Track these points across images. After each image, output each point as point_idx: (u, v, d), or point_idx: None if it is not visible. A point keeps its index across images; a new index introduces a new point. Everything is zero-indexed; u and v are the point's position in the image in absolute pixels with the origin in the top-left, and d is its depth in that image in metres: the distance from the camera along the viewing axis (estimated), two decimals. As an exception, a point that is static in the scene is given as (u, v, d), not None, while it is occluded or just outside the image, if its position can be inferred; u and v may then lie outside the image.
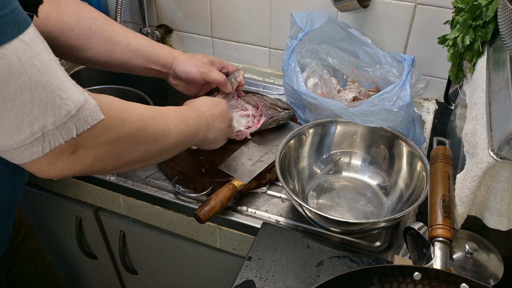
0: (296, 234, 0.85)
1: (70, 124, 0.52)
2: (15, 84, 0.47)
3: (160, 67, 0.97)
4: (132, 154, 0.63)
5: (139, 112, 0.64)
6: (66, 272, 1.45)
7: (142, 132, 0.64)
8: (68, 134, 0.52)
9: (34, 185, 1.18)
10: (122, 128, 0.60)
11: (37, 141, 0.51)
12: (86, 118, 0.53)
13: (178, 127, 0.72)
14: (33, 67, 0.48)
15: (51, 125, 0.51)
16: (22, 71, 0.47)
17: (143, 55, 0.94)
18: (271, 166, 0.96)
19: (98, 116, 0.55)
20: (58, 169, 0.55)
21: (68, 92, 0.51)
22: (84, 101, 0.53)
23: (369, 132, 0.97)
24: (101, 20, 0.89)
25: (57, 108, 0.50)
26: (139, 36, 0.95)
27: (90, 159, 0.57)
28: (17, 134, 0.49)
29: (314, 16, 1.07)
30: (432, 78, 1.18)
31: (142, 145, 0.64)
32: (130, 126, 0.61)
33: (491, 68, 0.75)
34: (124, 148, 0.61)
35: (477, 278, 0.69)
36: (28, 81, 0.48)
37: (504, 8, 0.63)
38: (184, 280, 1.20)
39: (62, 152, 0.53)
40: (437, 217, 0.69)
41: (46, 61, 0.50)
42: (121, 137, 0.60)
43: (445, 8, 1.07)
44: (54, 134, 0.51)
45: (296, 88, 1.00)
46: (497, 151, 0.60)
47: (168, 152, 0.73)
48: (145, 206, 1.02)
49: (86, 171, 0.58)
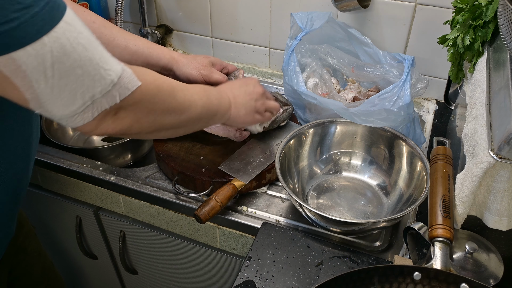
0: (296, 234, 0.85)
1: (114, 91, 0.58)
2: (68, 62, 0.53)
3: (159, 69, 0.97)
4: (164, 119, 0.69)
5: (170, 82, 0.71)
6: (66, 272, 1.45)
7: (173, 100, 0.70)
8: (113, 100, 0.59)
9: (34, 185, 1.18)
10: (156, 93, 0.66)
11: (88, 109, 0.57)
12: (126, 85, 0.60)
13: (203, 100, 0.77)
14: (79, 44, 0.53)
15: (98, 94, 0.57)
16: (72, 50, 0.53)
17: (142, 57, 0.94)
18: (271, 166, 0.96)
19: (136, 82, 0.61)
20: (103, 128, 0.61)
21: (109, 63, 0.58)
22: (122, 70, 0.59)
23: (369, 132, 0.97)
24: (99, 23, 0.90)
25: (102, 79, 0.57)
26: (137, 38, 0.95)
27: (129, 120, 0.63)
28: (72, 105, 0.56)
29: (314, 16, 1.07)
30: (432, 78, 1.18)
31: (172, 112, 0.70)
32: (163, 93, 0.68)
33: (491, 68, 0.75)
34: (158, 112, 0.67)
35: (477, 278, 0.69)
36: (78, 58, 0.53)
37: (504, 8, 0.63)
38: (184, 280, 1.20)
39: (107, 114, 0.60)
40: (437, 217, 0.69)
41: (87, 38, 0.55)
42: (156, 102, 0.66)
43: (445, 8, 1.07)
44: (101, 101, 0.58)
45: (296, 88, 1.00)
46: (497, 151, 0.60)
47: (194, 123, 0.78)
48: (145, 206, 1.02)
49: (125, 131, 0.64)
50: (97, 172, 1.04)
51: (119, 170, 1.04)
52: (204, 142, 1.01)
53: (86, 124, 0.59)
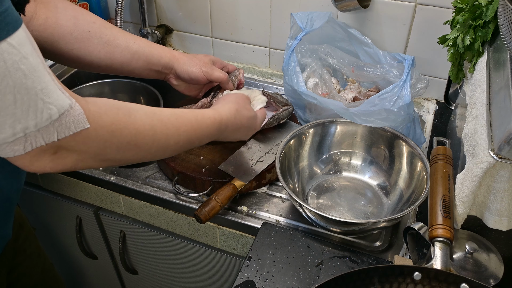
0: (296, 234, 0.85)
1: (52, 128, 0.53)
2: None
3: (160, 68, 0.98)
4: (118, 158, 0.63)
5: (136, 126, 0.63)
6: (66, 272, 1.45)
7: (133, 146, 0.63)
8: (49, 137, 0.53)
9: (34, 185, 1.18)
10: (109, 139, 0.60)
11: (18, 141, 0.52)
12: (68, 124, 0.54)
13: (180, 144, 0.71)
14: (18, 70, 0.48)
15: (33, 127, 0.51)
16: (6, 74, 0.47)
17: (143, 56, 0.94)
18: (271, 166, 0.96)
19: (83, 124, 0.55)
20: (40, 166, 0.56)
21: (53, 97, 0.52)
22: (68, 107, 0.53)
23: (369, 132, 0.97)
24: (99, 23, 0.90)
25: (39, 112, 0.51)
26: (138, 38, 0.95)
27: (72, 159, 0.58)
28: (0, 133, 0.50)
29: (314, 16, 1.07)
30: (432, 78, 1.18)
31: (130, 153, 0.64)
32: (120, 139, 0.61)
33: (491, 68, 0.75)
34: (109, 153, 0.61)
35: (477, 278, 0.69)
36: (12, 84, 0.48)
37: (504, 8, 0.63)
38: (184, 280, 1.20)
39: (44, 151, 0.54)
40: (437, 217, 0.69)
41: (32, 65, 0.50)
42: (106, 147, 0.60)
43: (445, 8, 1.07)
44: (36, 135, 0.52)
45: (296, 88, 1.00)
46: (497, 151, 0.60)
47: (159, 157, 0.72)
48: (145, 206, 1.02)
49: (68, 170, 0.59)
50: (97, 172, 1.04)
51: (119, 170, 1.04)
52: (204, 142, 1.01)
53: (18, 157, 0.53)
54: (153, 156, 0.68)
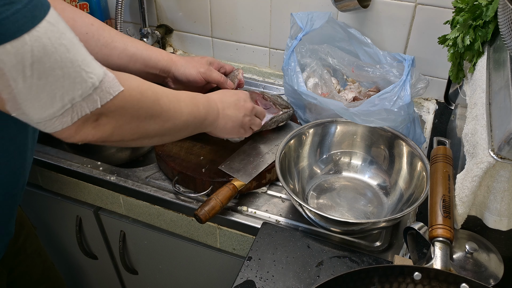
0: (296, 234, 0.85)
1: (95, 95, 0.57)
2: (49, 63, 0.51)
3: (158, 71, 0.98)
4: (148, 126, 0.68)
5: (155, 88, 0.69)
6: (66, 272, 1.45)
7: (157, 106, 0.68)
8: (93, 104, 0.57)
9: (34, 185, 1.18)
10: (139, 99, 0.64)
11: (67, 112, 0.56)
12: (108, 89, 0.58)
13: (189, 107, 0.75)
14: (61, 45, 0.52)
15: (79, 97, 0.55)
16: (53, 51, 0.51)
17: (140, 59, 0.94)
18: (271, 166, 0.96)
19: (118, 87, 0.60)
20: (83, 135, 0.59)
21: (91, 66, 0.56)
22: (104, 74, 0.58)
23: (369, 132, 0.97)
24: (97, 25, 0.90)
25: (83, 82, 0.55)
26: (135, 41, 0.95)
27: (111, 126, 0.62)
28: (50, 107, 0.54)
29: (314, 16, 1.07)
30: (432, 78, 1.18)
31: (157, 119, 0.69)
32: (147, 99, 0.66)
33: (491, 68, 0.75)
34: (141, 119, 0.66)
35: (477, 278, 0.69)
36: (59, 59, 0.52)
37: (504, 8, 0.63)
38: (184, 280, 1.20)
39: (87, 119, 0.58)
40: (437, 217, 0.69)
41: (70, 39, 0.54)
42: (139, 108, 0.64)
43: (445, 8, 1.07)
44: (81, 105, 0.56)
45: (296, 88, 1.00)
46: (497, 151, 0.60)
47: (180, 131, 0.76)
48: (145, 206, 1.02)
49: (106, 138, 0.63)
50: (97, 172, 1.04)
51: (119, 170, 1.04)
52: (204, 142, 1.01)
53: (64, 129, 0.57)
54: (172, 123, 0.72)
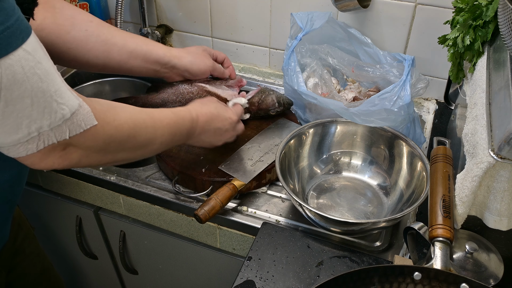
0: (296, 234, 0.85)
1: (64, 126, 0.56)
2: (18, 91, 0.50)
3: (159, 66, 0.98)
4: (117, 155, 0.68)
5: (133, 120, 0.68)
6: (66, 272, 1.45)
7: (132, 139, 0.68)
8: (62, 135, 0.57)
9: (34, 185, 1.18)
10: (113, 134, 0.64)
11: (32, 140, 0.55)
12: (79, 122, 0.57)
13: (164, 137, 0.75)
14: (34, 75, 0.51)
15: (46, 127, 0.55)
16: (25, 79, 0.50)
17: (140, 54, 0.94)
18: (271, 166, 0.96)
19: (91, 121, 0.59)
20: (49, 163, 0.59)
21: (65, 98, 0.55)
22: (78, 106, 0.57)
23: (369, 132, 0.97)
24: (96, 22, 0.90)
25: (53, 112, 0.54)
26: (135, 36, 0.95)
27: (78, 155, 0.61)
28: (15, 134, 0.53)
29: (314, 16, 1.07)
30: (432, 78, 1.18)
31: (128, 150, 0.69)
32: (122, 133, 0.66)
33: (491, 68, 0.75)
34: (111, 150, 0.66)
35: (477, 278, 0.69)
36: (29, 88, 0.51)
37: (504, 8, 0.63)
38: (184, 280, 1.20)
39: (54, 148, 0.58)
40: (437, 217, 0.69)
41: (46, 69, 0.53)
42: (111, 142, 0.64)
43: (445, 8, 1.07)
44: (49, 134, 0.55)
45: (296, 88, 1.00)
46: (497, 151, 0.60)
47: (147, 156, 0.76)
48: (145, 206, 1.02)
49: (73, 166, 0.62)
50: (97, 172, 1.04)
51: (119, 170, 1.04)
52: (204, 142, 1.01)
53: (29, 155, 0.56)
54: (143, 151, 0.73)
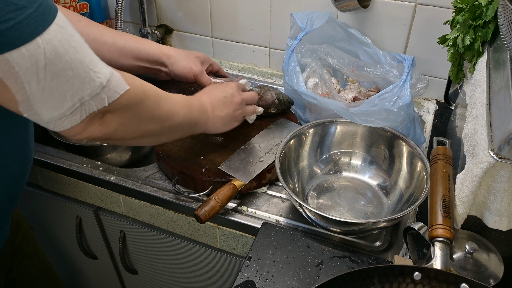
0: (296, 234, 0.85)
1: (103, 94, 0.59)
2: (60, 64, 0.53)
3: (149, 63, 0.98)
4: (148, 125, 0.71)
5: (155, 89, 0.72)
6: (66, 272, 1.45)
7: (158, 106, 0.71)
8: (101, 102, 0.60)
9: (33, 185, 1.18)
10: (142, 98, 0.67)
11: (76, 111, 0.58)
12: (115, 88, 0.60)
13: (184, 110, 0.79)
14: (70, 47, 0.54)
15: (87, 96, 0.58)
16: (64, 52, 0.53)
17: (130, 52, 0.95)
18: (271, 166, 0.96)
19: (124, 86, 0.62)
20: (90, 131, 0.62)
21: (99, 66, 0.58)
22: (111, 74, 0.60)
23: (369, 132, 0.97)
24: (85, 22, 0.90)
25: (92, 81, 0.57)
26: (125, 34, 0.96)
27: (115, 123, 0.64)
28: (61, 107, 0.56)
29: (314, 16, 1.07)
30: (432, 78, 1.18)
31: (156, 119, 0.72)
32: (149, 98, 0.69)
33: (491, 68, 0.75)
34: (142, 118, 0.69)
35: (477, 278, 0.69)
36: (69, 60, 0.54)
37: (504, 8, 0.63)
38: (184, 280, 1.20)
39: (94, 116, 0.61)
40: (437, 217, 0.69)
41: (78, 41, 0.56)
42: (141, 107, 0.67)
43: (445, 8, 1.07)
44: (90, 103, 0.58)
45: (296, 88, 1.00)
46: (497, 151, 0.60)
47: (175, 132, 0.80)
48: (145, 206, 1.02)
49: (111, 135, 0.65)
50: (97, 172, 1.04)
51: (119, 170, 1.04)
52: (204, 142, 1.01)
53: (73, 127, 0.59)
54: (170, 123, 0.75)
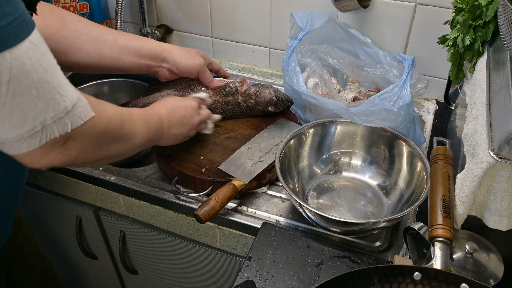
0: (296, 234, 0.85)
1: (66, 119, 0.57)
2: (25, 82, 0.51)
3: (151, 60, 0.98)
4: (109, 149, 0.69)
5: (119, 113, 0.71)
6: (66, 272, 1.45)
7: (120, 131, 0.70)
8: (64, 128, 0.57)
9: (34, 185, 1.18)
10: (107, 125, 0.66)
11: (36, 134, 0.55)
12: (79, 114, 0.59)
13: (143, 131, 0.78)
14: (40, 66, 0.52)
15: (50, 119, 0.55)
16: (32, 70, 0.51)
17: (132, 50, 0.95)
18: (271, 166, 0.96)
19: (90, 113, 0.60)
20: (49, 160, 0.59)
21: (66, 90, 0.56)
22: (77, 99, 0.58)
23: (369, 132, 0.97)
24: (84, 22, 0.90)
25: (57, 104, 0.55)
26: (125, 33, 0.96)
27: (76, 150, 0.61)
28: (20, 128, 0.53)
29: (314, 16, 1.07)
30: (432, 78, 1.18)
31: (118, 143, 0.71)
32: (113, 125, 0.68)
33: (491, 68, 0.75)
34: (104, 143, 0.67)
35: (477, 278, 0.69)
36: (36, 79, 0.52)
37: (504, 8, 0.63)
38: (184, 280, 1.20)
39: (55, 144, 0.58)
40: (437, 217, 0.69)
41: (50, 61, 0.54)
42: (105, 133, 0.66)
43: (445, 8, 1.07)
44: (52, 127, 0.56)
45: (296, 88, 1.00)
46: (497, 151, 0.60)
47: (133, 151, 0.78)
48: (145, 206, 1.02)
49: (70, 162, 0.62)
50: (97, 172, 1.04)
51: (119, 170, 1.04)
52: (204, 142, 1.01)
53: (30, 152, 0.56)
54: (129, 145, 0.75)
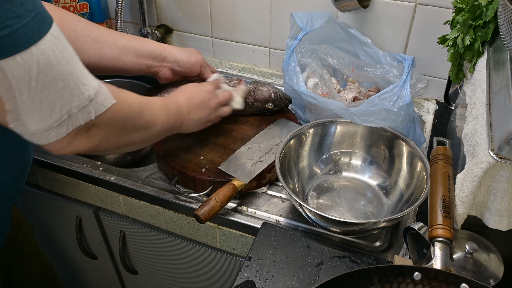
0: (296, 234, 0.85)
1: (90, 107, 0.60)
2: (52, 74, 0.54)
3: (151, 60, 0.98)
4: (131, 136, 0.72)
5: (139, 100, 0.73)
6: (66, 272, 1.45)
7: (141, 118, 0.73)
8: (88, 116, 0.60)
9: (33, 185, 1.18)
10: (127, 112, 0.68)
11: (63, 123, 0.58)
12: (102, 101, 0.61)
13: (163, 117, 0.80)
14: (63, 58, 0.55)
15: (75, 108, 0.58)
16: (56, 63, 0.54)
17: (132, 50, 0.95)
18: (271, 166, 0.96)
19: (111, 100, 0.63)
20: (75, 145, 0.62)
21: (88, 79, 0.59)
22: (98, 87, 0.61)
23: (369, 132, 0.97)
24: (84, 22, 0.91)
25: (81, 93, 0.58)
26: (124, 34, 0.96)
27: (99, 137, 0.64)
28: (49, 118, 0.56)
29: (314, 16, 1.07)
30: (432, 78, 1.18)
31: (139, 130, 0.73)
32: (133, 111, 0.70)
33: (491, 68, 0.75)
34: (126, 130, 0.70)
35: (477, 278, 0.69)
36: (61, 71, 0.55)
37: (504, 8, 0.63)
38: (184, 280, 1.20)
39: (80, 131, 0.61)
40: (437, 217, 0.69)
41: (70, 52, 0.57)
42: (126, 120, 0.68)
43: (445, 8, 1.07)
44: (77, 116, 0.59)
45: (296, 88, 1.00)
46: (497, 151, 0.60)
47: (154, 139, 0.82)
48: (145, 206, 1.02)
49: (95, 148, 0.65)
50: (97, 172, 1.04)
51: (119, 170, 1.04)
52: (204, 142, 1.01)
53: (58, 140, 0.59)
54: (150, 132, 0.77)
